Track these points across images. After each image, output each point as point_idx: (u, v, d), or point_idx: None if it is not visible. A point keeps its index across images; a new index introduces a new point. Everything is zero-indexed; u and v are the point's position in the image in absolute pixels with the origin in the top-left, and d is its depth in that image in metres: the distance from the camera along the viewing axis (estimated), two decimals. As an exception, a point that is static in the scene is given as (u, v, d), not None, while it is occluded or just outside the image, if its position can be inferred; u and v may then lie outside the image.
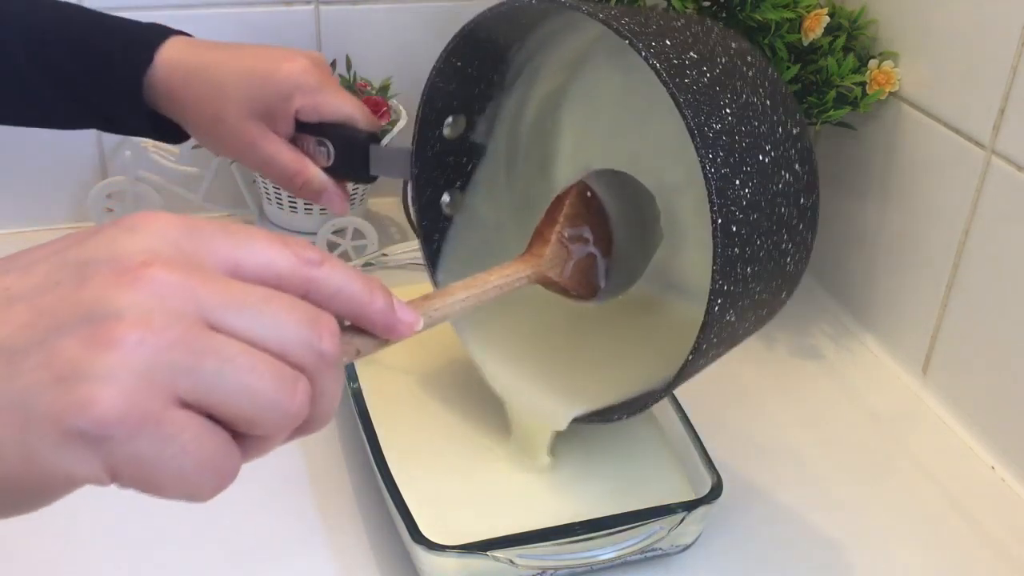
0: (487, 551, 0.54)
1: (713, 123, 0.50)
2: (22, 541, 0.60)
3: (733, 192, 0.50)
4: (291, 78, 0.65)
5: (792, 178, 0.54)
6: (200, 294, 0.29)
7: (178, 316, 0.29)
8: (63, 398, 0.27)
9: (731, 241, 0.50)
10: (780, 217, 0.53)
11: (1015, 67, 0.66)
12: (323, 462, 0.68)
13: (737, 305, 0.53)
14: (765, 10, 0.74)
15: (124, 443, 0.28)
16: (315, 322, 0.31)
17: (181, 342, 0.28)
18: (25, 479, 0.29)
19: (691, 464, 0.63)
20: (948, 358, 0.76)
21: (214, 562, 0.60)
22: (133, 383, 0.28)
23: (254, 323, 0.30)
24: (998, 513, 0.67)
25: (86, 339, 0.28)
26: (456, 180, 0.70)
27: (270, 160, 0.66)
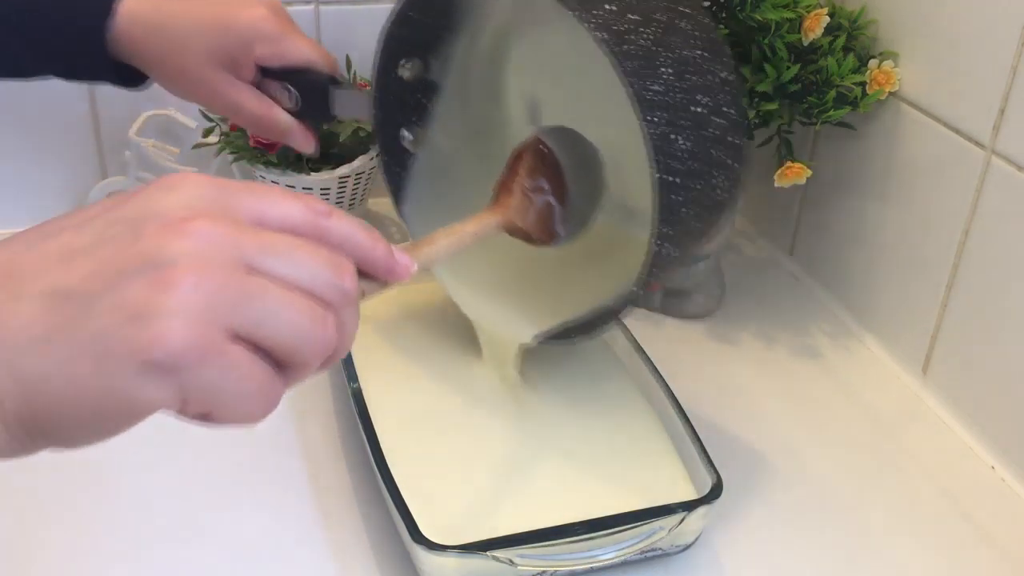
0: (487, 551, 0.54)
1: (651, 84, 0.55)
2: (23, 541, 0.60)
3: (670, 147, 0.55)
4: (251, 26, 0.67)
5: (724, 121, 0.59)
6: (240, 242, 0.33)
7: (224, 261, 0.32)
8: (139, 334, 0.31)
9: (669, 189, 0.55)
10: (712, 159, 0.58)
11: (1015, 67, 0.66)
12: (323, 462, 0.68)
13: (676, 241, 0.58)
14: (765, 10, 0.74)
15: (194, 371, 0.32)
16: (337, 264, 0.35)
17: (230, 284, 0.32)
18: (107, 410, 0.32)
19: (691, 464, 0.63)
20: (948, 358, 0.76)
21: (214, 562, 0.60)
22: (197, 319, 0.31)
23: (287, 266, 0.34)
24: (998, 513, 0.67)
25: (150, 283, 0.31)
26: (414, 116, 0.73)
27: (237, 107, 0.69)
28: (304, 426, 0.71)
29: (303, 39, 0.70)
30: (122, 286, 0.31)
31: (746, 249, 0.97)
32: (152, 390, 0.32)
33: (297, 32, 0.70)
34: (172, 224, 0.32)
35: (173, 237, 0.32)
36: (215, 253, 0.32)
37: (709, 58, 0.59)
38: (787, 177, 0.78)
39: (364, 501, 0.65)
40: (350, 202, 0.87)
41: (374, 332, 0.75)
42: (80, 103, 0.89)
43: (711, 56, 0.59)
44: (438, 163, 0.74)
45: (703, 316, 0.86)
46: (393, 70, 0.70)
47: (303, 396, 0.73)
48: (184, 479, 0.66)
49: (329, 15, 0.90)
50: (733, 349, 0.83)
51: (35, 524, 0.62)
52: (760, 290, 0.90)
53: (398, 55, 0.69)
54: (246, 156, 0.84)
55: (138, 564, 0.60)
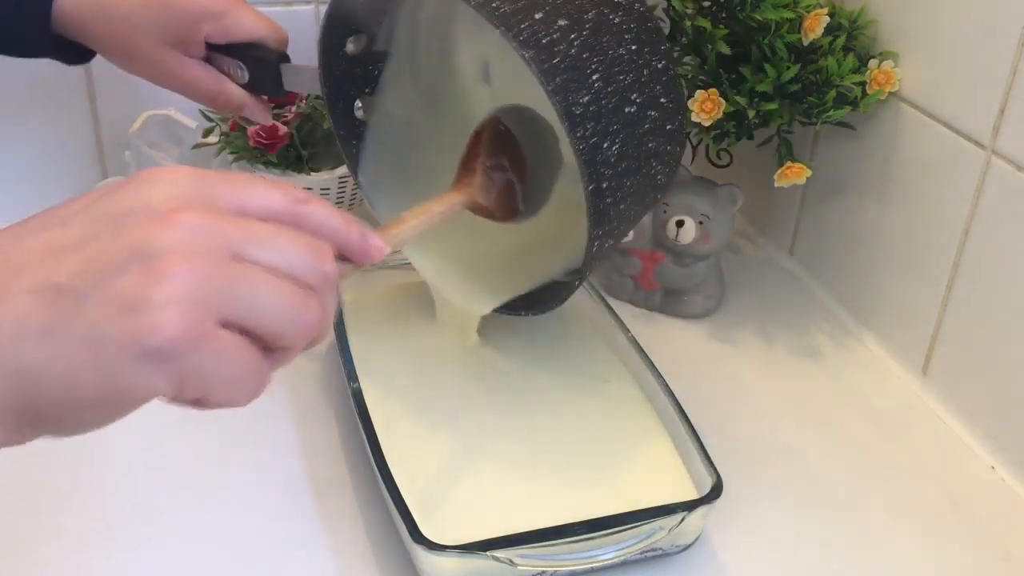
0: (487, 551, 0.54)
1: (581, 98, 0.55)
2: (23, 541, 0.60)
3: (601, 155, 0.56)
4: (196, 4, 0.68)
5: (658, 113, 0.59)
6: (224, 231, 0.34)
7: (210, 250, 0.33)
8: (135, 324, 0.32)
9: (601, 197, 0.56)
10: (648, 152, 0.59)
11: (1015, 67, 0.66)
12: (323, 462, 0.68)
13: (614, 233, 0.60)
14: (765, 10, 0.74)
15: (188, 357, 0.33)
16: (317, 249, 0.36)
17: (218, 272, 0.33)
18: (105, 399, 0.33)
19: (691, 464, 0.63)
20: (948, 358, 0.76)
21: (214, 562, 0.60)
22: (188, 307, 0.32)
23: (270, 253, 0.35)
24: (998, 513, 0.67)
25: (140, 275, 0.32)
26: (365, 87, 0.74)
27: (189, 84, 0.70)
28: (304, 426, 0.71)
29: (251, 14, 0.70)
30: (112, 279, 0.32)
31: (746, 249, 0.97)
32: (149, 377, 0.33)
33: (244, 7, 0.70)
34: (157, 216, 0.33)
35: (159, 228, 0.33)
36: (201, 242, 0.33)
37: (641, 51, 0.59)
38: (787, 177, 0.78)
39: (364, 501, 0.65)
40: (350, 202, 0.87)
41: (374, 332, 0.75)
42: (80, 103, 0.89)
43: (643, 48, 0.60)
44: (393, 131, 0.75)
45: (703, 316, 0.86)
46: (340, 48, 0.70)
47: (303, 396, 0.73)
48: (184, 479, 0.66)
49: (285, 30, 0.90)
50: (733, 349, 0.83)
51: (34, 524, 0.62)
52: (760, 290, 0.90)
53: (343, 34, 0.69)
54: (246, 156, 0.84)
55: (138, 564, 0.60)
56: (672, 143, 0.62)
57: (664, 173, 0.63)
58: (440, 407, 0.69)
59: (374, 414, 0.63)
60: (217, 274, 0.33)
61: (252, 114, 0.74)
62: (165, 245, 0.33)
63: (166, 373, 0.33)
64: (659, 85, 0.60)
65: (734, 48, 0.75)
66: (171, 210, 0.33)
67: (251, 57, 0.71)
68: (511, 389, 0.71)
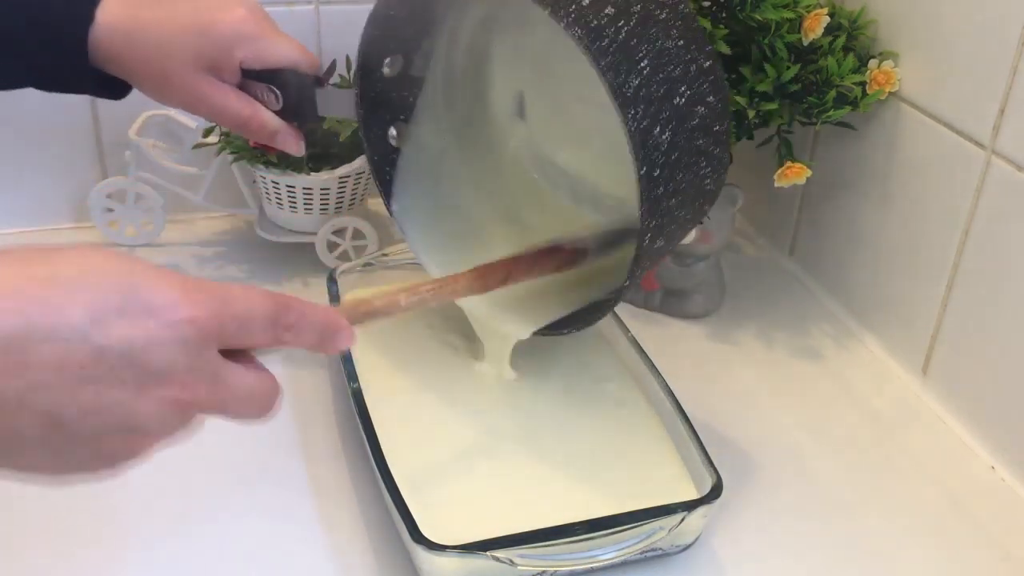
0: (487, 551, 0.54)
1: (632, 80, 0.55)
2: (23, 541, 0.60)
3: (653, 140, 0.55)
4: (232, 29, 0.67)
5: (706, 111, 0.59)
6: (199, 401, 0.42)
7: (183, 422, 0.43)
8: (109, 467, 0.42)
9: (654, 184, 0.55)
10: (697, 148, 0.59)
11: (1015, 67, 0.66)
12: (323, 462, 0.68)
13: (664, 232, 0.59)
14: (765, 10, 0.74)
15: None
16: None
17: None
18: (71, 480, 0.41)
19: (691, 464, 0.63)
20: (948, 358, 0.76)
21: (214, 562, 0.60)
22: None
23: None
24: (998, 513, 0.67)
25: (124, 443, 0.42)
26: (400, 113, 0.73)
27: (222, 110, 0.69)
28: (304, 426, 0.71)
29: (284, 39, 0.70)
30: (102, 435, 0.40)
31: (746, 249, 0.97)
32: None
33: (278, 32, 0.70)
34: (162, 404, 0.41)
35: (158, 414, 0.41)
36: (177, 420, 0.43)
37: (688, 47, 0.59)
38: (787, 177, 0.78)
39: (364, 501, 0.65)
40: (350, 202, 0.87)
41: (374, 332, 0.75)
42: (80, 103, 0.88)
43: (690, 45, 0.59)
44: (426, 161, 0.75)
45: (703, 316, 0.86)
46: (376, 68, 0.70)
47: (303, 396, 0.73)
48: (184, 479, 0.66)
49: (329, 15, 0.90)
50: (733, 349, 0.83)
51: (34, 525, 0.62)
52: (760, 290, 0.90)
53: (380, 53, 0.69)
54: (246, 156, 0.84)
55: (138, 564, 0.60)
56: (719, 146, 0.61)
57: (713, 179, 0.62)
58: (440, 407, 0.69)
59: (374, 414, 0.63)
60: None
61: (284, 143, 0.72)
62: (153, 436, 0.42)
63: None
64: (706, 84, 0.59)
65: (734, 48, 0.75)
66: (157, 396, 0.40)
67: (284, 81, 0.70)
68: (511, 389, 0.71)
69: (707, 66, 0.60)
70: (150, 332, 0.40)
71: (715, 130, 0.60)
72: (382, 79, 0.71)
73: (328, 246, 0.87)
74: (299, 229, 0.87)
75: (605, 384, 0.72)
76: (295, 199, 0.85)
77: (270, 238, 0.88)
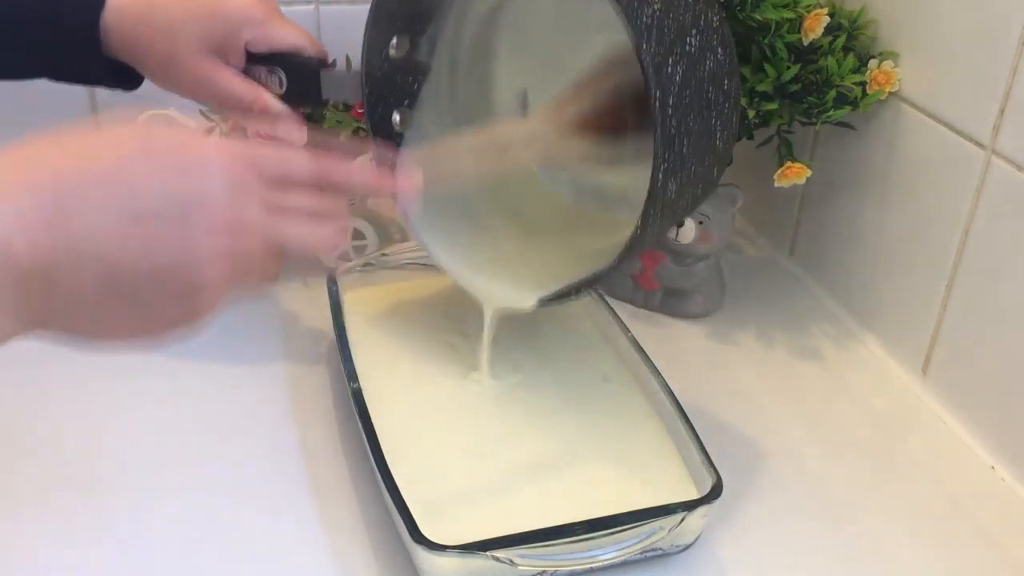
0: (487, 551, 0.54)
1: (644, 11, 0.55)
2: (22, 541, 0.60)
3: (667, 73, 0.55)
4: (239, 11, 0.68)
5: (714, 63, 0.60)
6: (250, 222, 0.42)
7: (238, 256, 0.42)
8: (181, 311, 0.42)
9: (668, 117, 0.55)
10: (708, 98, 0.59)
11: (1015, 67, 0.66)
12: (323, 462, 0.68)
13: (676, 178, 0.58)
14: (765, 10, 0.74)
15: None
16: (329, 230, 0.46)
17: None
18: (134, 338, 0.42)
19: (691, 464, 0.63)
20: (948, 358, 0.76)
21: (214, 562, 0.60)
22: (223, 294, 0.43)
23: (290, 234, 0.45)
24: (998, 513, 0.67)
25: (187, 289, 0.41)
26: (404, 98, 0.73)
27: (226, 93, 0.69)
28: (304, 426, 0.71)
29: (290, 24, 0.70)
30: (165, 274, 0.40)
31: (746, 249, 0.97)
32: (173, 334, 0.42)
33: (283, 17, 0.70)
34: (213, 235, 0.41)
35: (211, 262, 0.41)
36: (236, 247, 0.42)
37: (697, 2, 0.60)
38: (787, 177, 0.78)
39: (364, 501, 0.65)
40: (350, 202, 0.87)
41: (374, 332, 0.75)
42: (80, 103, 0.89)
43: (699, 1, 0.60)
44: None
45: (703, 316, 0.86)
46: (383, 47, 0.69)
47: (303, 396, 0.73)
48: (184, 479, 0.66)
49: (329, 15, 0.90)
50: (733, 349, 0.83)
51: (34, 524, 0.62)
52: (760, 290, 0.90)
53: (387, 32, 0.69)
54: (246, 156, 0.84)
55: (138, 564, 0.60)
56: (728, 103, 0.61)
57: (723, 139, 0.62)
58: (440, 407, 0.69)
59: (374, 414, 0.63)
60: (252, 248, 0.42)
61: (287, 131, 0.72)
62: (213, 282, 0.41)
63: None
64: (716, 38, 0.60)
65: (734, 48, 0.75)
66: (220, 226, 0.41)
67: (290, 64, 0.70)
68: (511, 389, 0.71)
69: (716, 23, 0.61)
70: (181, 162, 0.41)
71: (724, 85, 0.60)
72: (388, 60, 0.70)
73: (328, 246, 0.87)
74: (299, 229, 0.87)
75: (605, 384, 0.72)
76: (295, 199, 0.85)
77: (270, 238, 0.88)
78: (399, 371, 0.72)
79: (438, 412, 0.69)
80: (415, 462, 0.63)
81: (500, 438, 0.67)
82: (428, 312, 0.77)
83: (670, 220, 0.64)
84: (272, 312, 0.83)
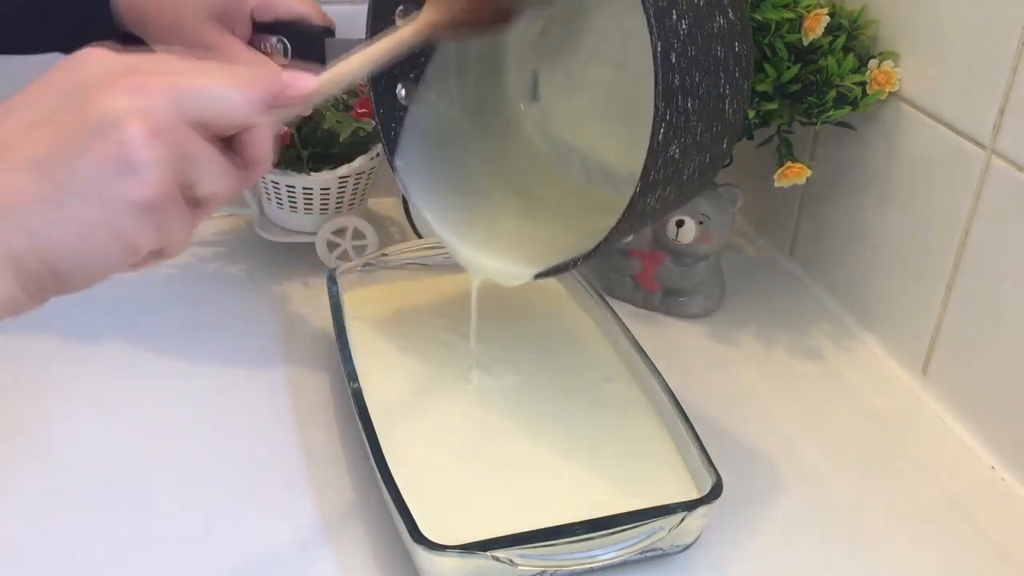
0: (487, 551, 0.54)
1: None
2: (22, 541, 0.60)
3: (670, 23, 0.53)
4: None
5: (725, 23, 0.57)
6: (163, 88, 0.39)
7: (160, 111, 0.39)
8: (130, 183, 0.38)
9: (670, 68, 0.53)
10: (716, 58, 0.56)
11: (1015, 67, 0.66)
12: (323, 462, 0.68)
13: (680, 139, 0.55)
14: (765, 10, 0.74)
15: (165, 212, 0.39)
16: (251, 83, 0.43)
17: (173, 135, 0.39)
18: (111, 252, 0.39)
19: (691, 464, 0.63)
20: (948, 358, 0.76)
21: (214, 562, 0.60)
22: (163, 169, 0.39)
23: (207, 101, 0.41)
24: (998, 513, 0.67)
25: (115, 142, 0.38)
26: (410, 72, 0.72)
27: (229, 60, 0.68)
28: (304, 426, 0.71)
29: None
30: (92, 146, 0.38)
31: (746, 249, 0.97)
32: (143, 231, 0.39)
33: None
34: (107, 87, 0.39)
35: (114, 97, 0.38)
36: (149, 104, 0.39)
37: None
38: (787, 177, 0.78)
39: (364, 501, 0.65)
40: (350, 202, 0.87)
41: (374, 332, 0.75)
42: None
43: None
44: (435, 124, 0.74)
45: (703, 316, 0.86)
46: (389, 13, 0.68)
47: (303, 396, 0.73)
48: (184, 480, 0.66)
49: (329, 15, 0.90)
50: (733, 349, 0.83)
51: (34, 525, 0.62)
52: (760, 290, 0.90)
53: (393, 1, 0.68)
54: (246, 156, 0.84)
55: (138, 565, 0.60)
56: (740, 69, 0.58)
57: (732, 104, 0.58)
58: (440, 407, 0.69)
59: (374, 414, 0.63)
60: (173, 137, 0.39)
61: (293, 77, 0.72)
62: (123, 112, 0.38)
63: (152, 225, 0.39)
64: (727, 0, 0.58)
65: (734, 48, 0.75)
66: (115, 80, 0.39)
67: (295, 32, 0.70)
68: (511, 389, 0.71)
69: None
70: (64, 64, 0.41)
71: (735, 47, 0.58)
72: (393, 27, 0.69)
73: (328, 246, 0.87)
74: (299, 229, 0.87)
75: (605, 384, 0.72)
76: (295, 199, 0.85)
77: (270, 238, 0.88)
78: (399, 371, 0.72)
79: (438, 412, 0.69)
80: (415, 462, 0.63)
81: (500, 438, 0.67)
82: (428, 312, 0.77)
83: (676, 189, 0.60)
84: (272, 312, 0.83)
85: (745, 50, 0.59)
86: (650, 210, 0.60)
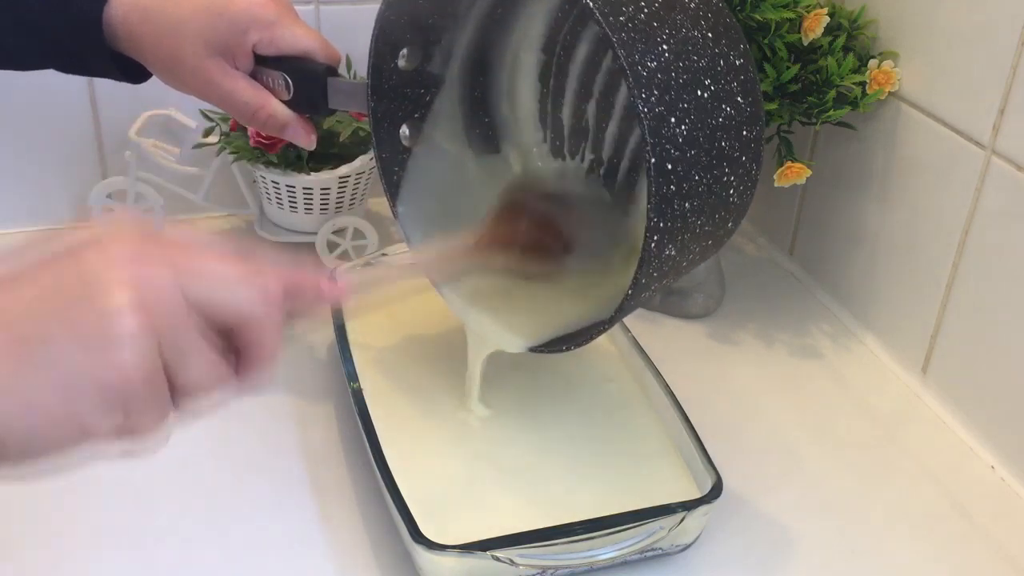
0: (487, 551, 0.54)
1: (648, 61, 0.51)
2: (22, 541, 0.61)
3: (668, 130, 0.51)
4: (247, 11, 0.65)
5: (734, 111, 0.55)
6: (164, 265, 0.37)
7: (156, 292, 0.36)
8: (98, 360, 0.35)
9: (666, 179, 0.51)
10: (721, 151, 0.54)
11: (1015, 67, 0.66)
12: (323, 462, 0.68)
13: (676, 240, 0.54)
14: (765, 10, 0.74)
15: (138, 397, 0.36)
16: (262, 288, 0.41)
17: (165, 317, 0.36)
18: (65, 439, 0.36)
19: (691, 464, 0.63)
20: (948, 358, 0.76)
21: (214, 562, 0.60)
22: (142, 350, 0.35)
23: (209, 291, 0.39)
24: (998, 513, 0.67)
25: (97, 314, 0.35)
26: (415, 111, 0.70)
27: (230, 96, 0.67)
28: (304, 426, 0.71)
29: (301, 27, 0.68)
30: (70, 308, 0.35)
31: (746, 249, 0.97)
32: (101, 413, 0.35)
33: (295, 19, 0.68)
34: (114, 285, 0.35)
35: (111, 265, 0.36)
36: (151, 273, 0.36)
37: (718, 41, 0.55)
38: (787, 177, 0.78)
39: (364, 501, 0.65)
40: (350, 202, 0.87)
41: (374, 333, 0.75)
42: (80, 103, 0.89)
43: (720, 39, 0.55)
44: (440, 166, 0.72)
45: (703, 316, 0.86)
46: (391, 59, 0.66)
47: (303, 396, 0.73)
48: (184, 479, 0.66)
49: (329, 15, 0.90)
50: (733, 349, 0.83)
51: (34, 524, 0.62)
52: (760, 290, 0.90)
53: (396, 42, 0.66)
54: (246, 156, 0.84)
55: (138, 564, 0.60)
56: (748, 155, 0.56)
57: (738, 189, 0.57)
58: (440, 407, 0.69)
59: (374, 414, 0.63)
60: (165, 319, 0.36)
61: (295, 135, 0.69)
62: (116, 278, 0.35)
63: (118, 408, 0.35)
64: (736, 82, 0.55)
65: (734, 48, 0.75)
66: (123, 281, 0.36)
67: (297, 70, 0.67)
68: (512, 389, 0.71)
69: (738, 64, 0.56)
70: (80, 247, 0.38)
71: (743, 135, 0.55)
72: (397, 72, 0.67)
73: (328, 246, 0.87)
74: (299, 229, 0.87)
75: (605, 384, 0.72)
76: (295, 199, 0.85)
77: (270, 238, 0.88)
78: (399, 371, 0.72)
79: (438, 412, 0.69)
80: (415, 462, 0.63)
81: (500, 438, 0.67)
82: (428, 312, 0.77)
83: (673, 277, 0.60)
84: (272, 312, 0.83)
85: (755, 132, 0.57)
86: (645, 300, 0.60)
